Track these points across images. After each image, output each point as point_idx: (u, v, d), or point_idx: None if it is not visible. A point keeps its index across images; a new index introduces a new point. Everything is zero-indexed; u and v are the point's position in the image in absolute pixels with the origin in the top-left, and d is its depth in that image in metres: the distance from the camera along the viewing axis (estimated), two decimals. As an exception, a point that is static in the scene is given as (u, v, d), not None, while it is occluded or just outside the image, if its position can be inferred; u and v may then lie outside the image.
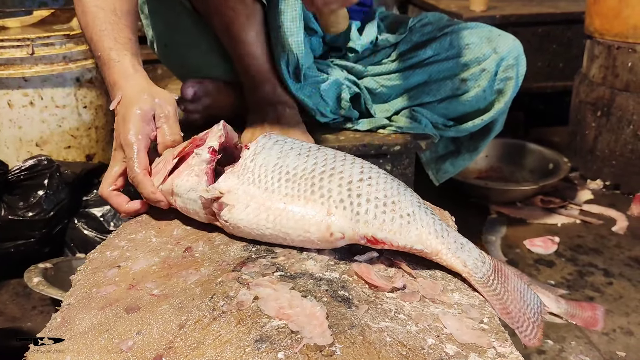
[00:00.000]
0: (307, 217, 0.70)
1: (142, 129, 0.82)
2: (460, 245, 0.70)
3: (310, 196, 0.70)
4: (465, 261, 0.68)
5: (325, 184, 0.71)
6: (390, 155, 1.33)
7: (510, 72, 1.31)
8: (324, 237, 0.69)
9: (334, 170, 0.72)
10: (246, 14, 1.14)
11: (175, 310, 0.62)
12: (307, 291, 0.65)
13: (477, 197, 1.99)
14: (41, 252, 1.58)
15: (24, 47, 1.69)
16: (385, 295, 0.65)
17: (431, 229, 0.69)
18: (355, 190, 0.70)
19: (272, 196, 0.72)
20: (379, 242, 0.69)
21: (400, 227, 0.69)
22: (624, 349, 1.31)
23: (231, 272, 0.69)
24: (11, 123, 1.74)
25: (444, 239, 0.69)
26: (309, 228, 0.69)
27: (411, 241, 0.69)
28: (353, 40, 1.34)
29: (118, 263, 0.73)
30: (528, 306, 0.68)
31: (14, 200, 1.56)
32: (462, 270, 0.68)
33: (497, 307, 0.66)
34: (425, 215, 0.71)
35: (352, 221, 0.69)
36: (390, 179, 0.73)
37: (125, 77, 0.87)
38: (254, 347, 0.56)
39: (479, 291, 0.67)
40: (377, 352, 0.56)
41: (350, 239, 0.69)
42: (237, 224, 0.73)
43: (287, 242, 0.72)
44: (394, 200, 0.70)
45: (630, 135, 2.02)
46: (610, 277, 1.58)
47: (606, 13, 2.01)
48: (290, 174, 0.73)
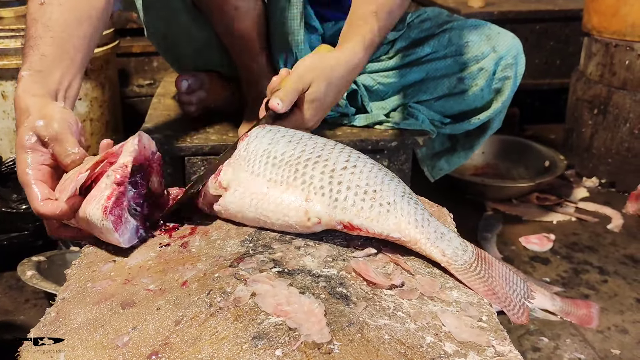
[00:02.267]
0: (286, 202, 0.72)
1: (29, 162, 0.74)
2: (440, 234, 0.70)
3: (292, 182, 0.72)
4: (444, 250, 0.69)
5: (308, 171, 0.73)
6: (387, 151, 1.32)
7: (508, 72, 1.30)
8: (302, 222, 0.72)
9: (320, 158, 0.74)
10: (248, 10, 1.13)
11: (171, 305, 0.61)
12: (305, 288, 0.64)
13: (473, 194, 1.99)
14: (34, 245, 1.57)
15: (18, 38, 1.67)
16: (383, 293, 0.65)
17: (411, 218, 0.70)
18: (337, 178, 0.72)
19: (257, 180, 0.74)
20: (355, 229, 0.70)
21: (378, 215, 0.70)
22: (619, 347, 1.31)
23: (228, 267, 0.68)
24: (5, 114, 1.73)
25: (423, 228, 0.70)
26: (288, 212, 0.72)
27: (388, 229, 0.70)
28: None
29: (113, 257, 0.72)
30: (515, 290, 0.69)
31: (8, 193, 1.55)
32: (441, 260, 0.69)
33: (481, 290, 0.66)
34: (407, 205, 0.71)
35: (329, 207, 0.70)
36: (377, 169, 0.74)
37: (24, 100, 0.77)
38: (252, 343, 0.55)
39: (460, 279, 0.68)
40: (376, 350, 0.56)
41: (327, 224, 0.71)
42: (227, 208, 0.76)
43: (268, 226, 0.75)
44: (375, 189, 0.71)
45: (626, 134, 2.02)
46: (605, 275, 1.58)
47: (604, 11, 2.01)
48: (277, 159, 0.75)
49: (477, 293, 0.66)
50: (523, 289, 0.70)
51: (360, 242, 0.74)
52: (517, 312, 0.67)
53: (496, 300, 0.66)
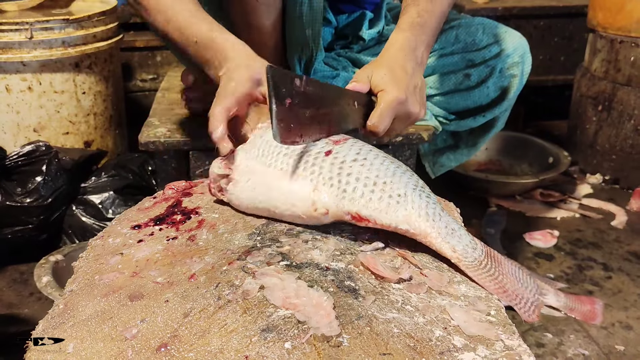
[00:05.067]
0: (294, 192, 0.72)
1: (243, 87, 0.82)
2: (451, 230, 0.69)
3: (302, 172, 0.73)
4: (454, 246, 0.68)
5: (318, 162, 0.73)
6: (391, 147, 1.32)
7: (515, 70, 1.30)
8: (309, 212, 0.72)
9: (331, 150, 0.74)
10: (267, 3, 1.12)
11: (179, 298, 0.61)
12: (313, 281, 0.64)
13: (477, 190, 1.99)
14: (39, 238, 1.57)
15: (23, 31, 1.67)
16: (391, 287, 0.65)
17: (422, 211, 0.69)
18: (347, 170, 0.71)
19: (269, 170, 0.75)
20: (363, 219, 0.70)
21: (387, 207, 0.69)
22: (623, 343, 1.31)
23: (236, 260, 0.68)
24: (9, 108, 1.73)
25: (434, 222, 0.69)
26: (296, 202, 0.72)
27: (397, 220, 0.69)
28: (363, 30, 1.33)
29: (121, 250, 0.72)
30: (526, 288, 0.69)
31: (12, 186, 1.55)
32: (452, 256, 0.68)
33: (492, 288, 0.66)
34: (419, 198, 0.70)
35: (337, 197, 0.70)
36: (389, 162, 0.74)
37: (234, 49, 0.89)
38: (261, 336, 0.55)
39: (470, 275, 0.67)
40: (385, 343, 0.55)
41: (334, 215, 0.71)
42: (238, 197, 0.77)
43: (277, 216, 0.75)
44: (385, 180, 0.71)
45: (630, 130, 2.02)
46: (609, 272, 1.58)
47: (609, 7, 2.00)
48: (290, 149, 0.75)
49: (488, 290, 0.66)
50: (534, 287, 0.69)
51: (367, 236, 0.74)
52: (529, 309, 0.66)
53: (507, 297, 0.66)
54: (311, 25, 1.16)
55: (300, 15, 1.14)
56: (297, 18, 1.15)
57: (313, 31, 1.16)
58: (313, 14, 1.15)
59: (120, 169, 1.72)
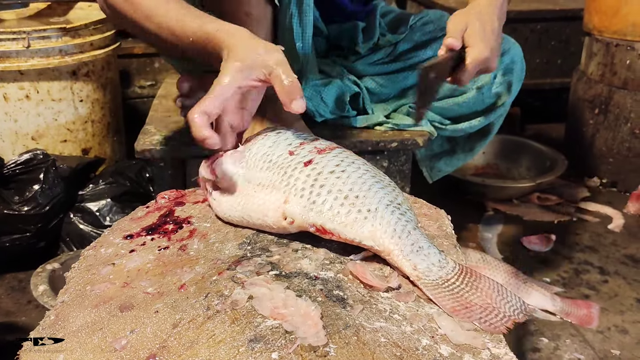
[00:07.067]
0: (267, 203, 0.74)
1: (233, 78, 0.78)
2: (417, 248, 0.67)
3: (278, 185, 0.73)
4: (416, 264, 0.66)
5: (295, 174, 0.73)
6: (387, 152, 1.32)
7: (509, 76, 1.30)
8: (278, 222, 0.73)
9: (310, 162, 0.74)
10: (258, 17, 1.13)
11: (169, 309, 0.62)
12: (301, 291, 0.65)
13: (474, 193, 1.99)
14: (37, 246, 1.58)
15: (20, 40, 1.68)
16: (380, 295, 0.65)
17: (389, 228, 0.68)
18: (320, 181, 0.71)
19: (249, 184, 0.76)
20: (327, 232, 0.70)
21: (354, 221, 0.68)
22: (619, 347, 1.31)
23: (226, 270, 0.68)
24: (7, 116, 1.74)
25: (400, 240, 0.67)
26: (267, 212, 0.73)
27: (362, 236, 0.68)
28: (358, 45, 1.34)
29: (112, 260, 0.73)
30: (506, 303, 0.64)
31: (10, 195, 1.56)
32: (411, 274, 0.66)
33: (448, 307, 0.63)
34: (390, 214, 0.69)
35: (305, 209, 0.70)
36: (370, 176, 0.73)
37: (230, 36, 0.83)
38: (248, 347, 0.56)
39: (427, 295, 0.65)
40: (372, 352, 0.56)
41: (299, 226, 0.72)
42: (220, 206, 0.79)
43: (249, 225, 0.77)
44: (358, 195, 0.70)
45: (627, 133, 2.02)
46: (606, 275, 1.59)
47: (605, 10, 2.01)
48: (272, 162, 0.76)
49: (444, 310, 0.63)
50: (517, 303, 0.65)
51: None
52: (497, 322, 0.62)
53: (466, 314, 0.62)
54: (300, 38, 1.16)
55: (290, 28, 1.15)
56: (286, 30, 1.16)
57: (302, 44, 1.17)
58: (302, 27, 1.15)
59: (118, 176, 1.72)
